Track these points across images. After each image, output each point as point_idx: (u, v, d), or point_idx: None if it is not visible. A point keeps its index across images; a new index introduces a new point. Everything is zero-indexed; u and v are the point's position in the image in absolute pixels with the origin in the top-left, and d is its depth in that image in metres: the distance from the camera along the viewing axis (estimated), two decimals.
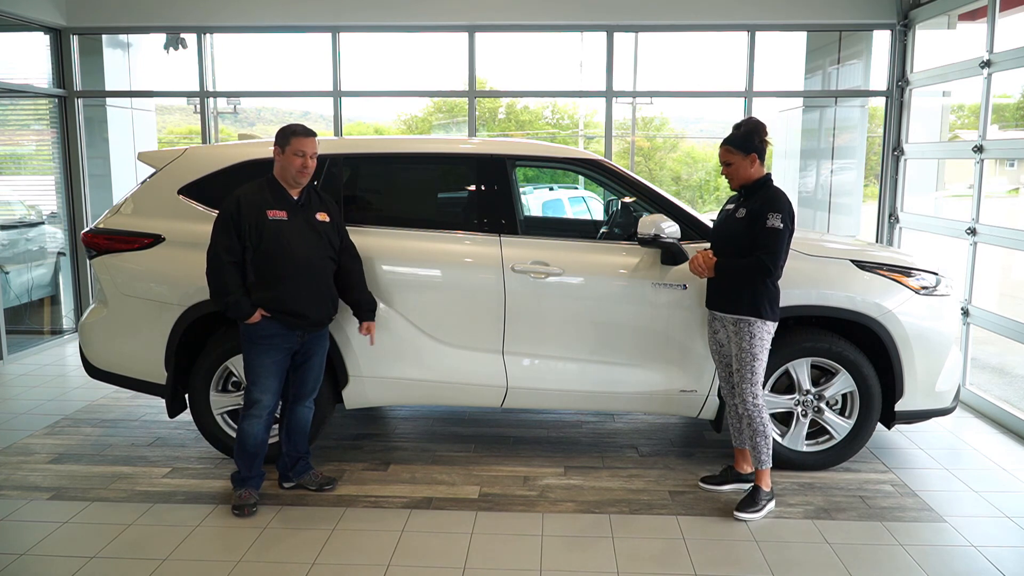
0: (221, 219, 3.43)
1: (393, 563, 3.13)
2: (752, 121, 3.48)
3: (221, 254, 3.40)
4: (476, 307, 3.93)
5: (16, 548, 3.23)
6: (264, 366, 3.50)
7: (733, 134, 3.49)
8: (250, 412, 3.54)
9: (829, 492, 3.79)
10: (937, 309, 3.93)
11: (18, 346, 6.48)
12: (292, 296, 3.46)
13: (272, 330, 3.47)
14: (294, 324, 3.49)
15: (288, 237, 3.43)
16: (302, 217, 3.50)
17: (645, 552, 3.22)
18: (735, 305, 3.44)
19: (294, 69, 7.64)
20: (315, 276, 3.54)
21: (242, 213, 3.39)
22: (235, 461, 3.63)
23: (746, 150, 3.44)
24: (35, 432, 4.61)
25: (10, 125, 7.21)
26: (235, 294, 3.39)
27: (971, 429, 4.74)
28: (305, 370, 3.65)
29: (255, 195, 3.44)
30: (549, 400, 4.06)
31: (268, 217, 3.41)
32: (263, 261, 3.43)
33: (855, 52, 7.17)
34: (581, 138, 11.62)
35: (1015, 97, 6.70)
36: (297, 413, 3.71)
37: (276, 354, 3.51)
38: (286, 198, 3.49)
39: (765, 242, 3.33)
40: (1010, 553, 3.23)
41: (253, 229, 3.40)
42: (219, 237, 3.42)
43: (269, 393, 3.54)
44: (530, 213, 7.71)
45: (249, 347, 3.50)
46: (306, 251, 3.48)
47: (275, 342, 3.49)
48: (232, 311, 3.42)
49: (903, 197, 6.66)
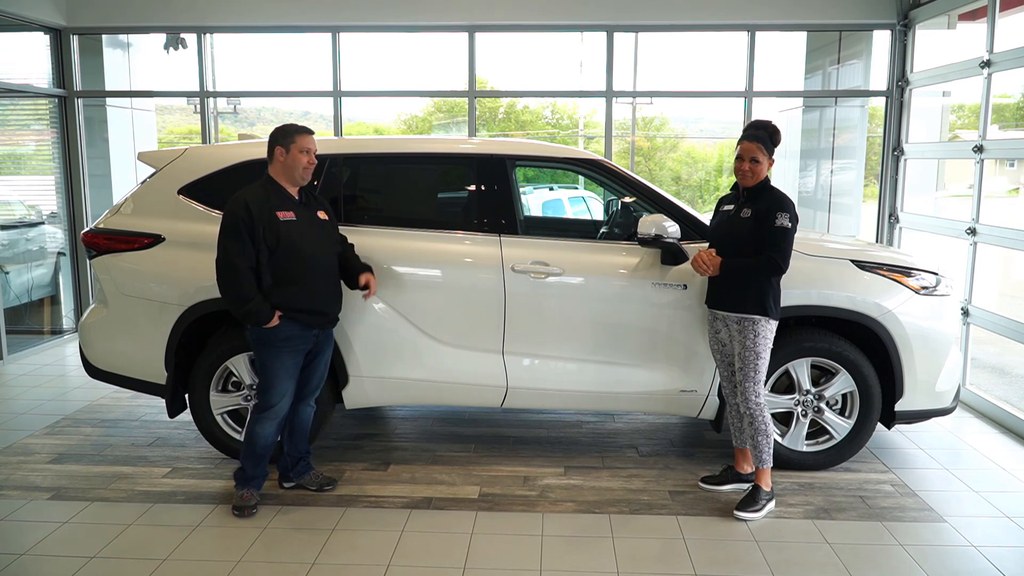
0: (231, 224, 3.33)
1: (393, 563, 3.13)
2: (773, 123, 3.52)
3: (235, 260, 3.30)
4: (476, 307, 3.93)
5: (16, 548, 3.23)
6: (285, 368, 3.47)
7: (761, 134, 3.48)
8: (264, 415, 3.51)
9: (829, 492, 3.79)
10: (937, 309, 3.93)
11: (18, 346, 6.49)
12: (312, 295, 3.47)
13: (291, 331, 3.44)
14: (313, 323, 3.50)
15: (302, 237, 3.42)
16: (308, 216, 3.50)
17: (645, 552, 3.22)
18: (740, 304, 3.44)
19: (294, 69, 7.64)
20: (330, 272, 3.57)
21: (253, 216, 3.31)
22: (241, 460, 3.62)
23: (771, 152, 3.48)
24: (35, 432, 4.61)
25: (10, 125, 7.21)
26: (255, 300, 3.33)
27: (971, 429, 4.74)
28: (312, 369, 3.65)
29: (261, 197, 3.38)
30: (549, 400, 4.06)
31: (279, 218, 3.38)
32: (281, 263, 3.38)
33: (855, 52, 7.17)
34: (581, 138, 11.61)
35: (1015, 97, 6.70)
36: (300, 412, 3.71)
37: (295, 355, 3.50)
38: (290, 198, 3.47)
39: (774, 241, 3.34)
40: (1010, 553, 3.23)
41: (268, 231, 3.34)
42: (231, 243, 3.32)
43: (286, 396, 3.53)
44: (530, 213, 7.70)
45: (267, 351, 3.45)
46: (319, 249, 3.50)
47: (293, 344, 3.47)
48: (252, 318, 3.35)
49: (903, 197, 6.66)
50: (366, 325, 3.92)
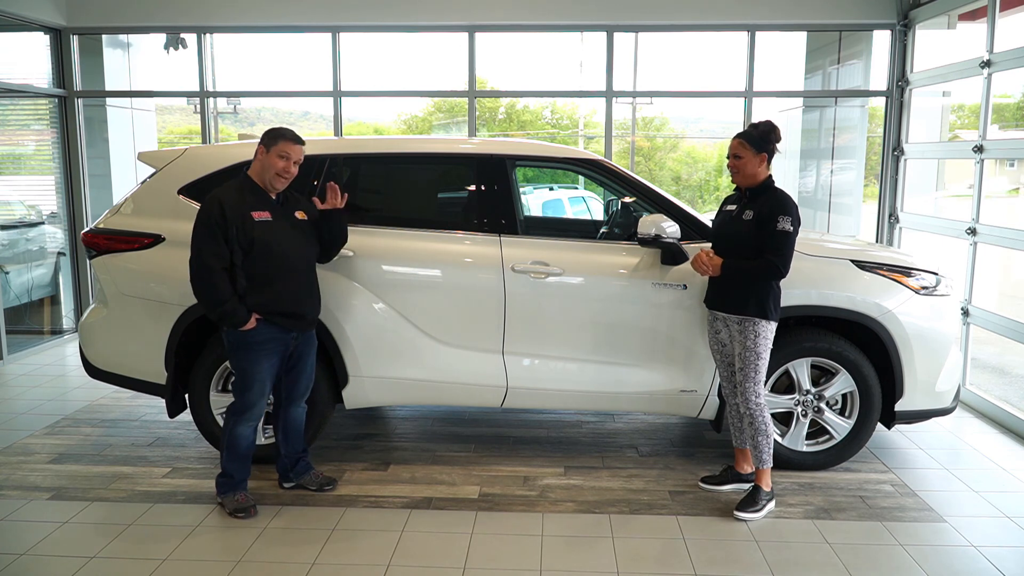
0: (204, 224, 3.27)
1: (393, 563, 3.13)
2: (770, 123, 3.50)
3: (210, 261, 3.25)
4: (476, 307, 3.93)
5: (16, 548, 3.23)
6: (262, 371, 3.43)
7: (750, 130, 3.49)
8: (243, 417, 3.47)
9: (829, 492, 3.78)
10: (937, 309, 3.93)
11: (18, 346, 6.49)
12: (289, 297, 3.42)
13: (268, 334, 3.40)
14: (290, 326, 3.46)
15: (277, 238, 3.37)
16: (284, 217, 3.45)
17: (645, 552, 3.22)
18: (741, 306, 3.44)
19: (294, 69, 7.64)
20: (307, 274, 3.52)
21: (227, 216, 3.25)
22: (224, 465, 3.56)
23: (759, 148, 3.45)
24: (35, 432, 4.61)
25: (10, 125, 7.21)
26: (231, 302, 3.28)
27: (971, 429, 4.74)
28: (298, 372, 3.62)
29: (236, 197, 3.32)
30: (549, 400, 4.06)
31: (254, 219, 3.31)
32: (255, 264, 3.33)
33: (855, 52, 7.17)
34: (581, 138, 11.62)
35: (1015, 97, 6.70)
36: (292, 414, 3.69)
37: (272, 358, 3.46)
38: (266, 198, 3.41)
39: (775, 244, 3.34)
40: (1010, 553, 3.23)
41: (241, 232, 3.27)
42: (204, 244, 3.26)
43: (264, 397, 3.51)
44: (530, 213, 7.70)
45: (243, 353, 3.40)
46: (296, 250, 3.44)
47: (271, 347, 3.43)
48: (228, 320, 3.30)
49: (903, 197, 6.66)
50: (366, 325, 3.92)
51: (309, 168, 4.03)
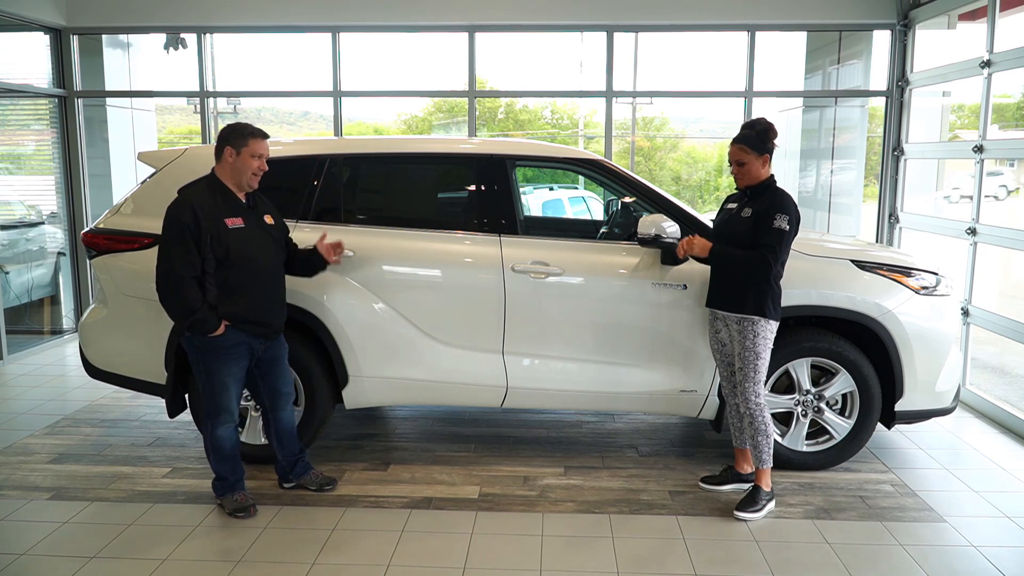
0: (175, 231, 3.16)
1: (393, 563, 3.13)
2: (765, 121, 3.48)
3: (179, 269, 3.15)
4: (476, 307, 3.93)
5: (16, 548, 3.23)
6: (232, 374, 3.37)
7: (747, 133, 3.46)
8: (220, 419, 3.42)
9: (829, 492, 3.79)
10: (937, 309, 3.93)
11: (18, 346, 6.49)
12: (258, 306, 3.37)
13: (237, 338, 3.33)
14: (259, 333, 3.41)
15: (250, 246, 3.30)
16: (255, 222, 3.39)
17: (645, 552, 3.22)
18: (739, 304, 3.44)
19: (294, 69, 7.64)
20: (275, 283, 3.48)
21: (201, 224, 3.15)
22: (214, 469, 3.54)
23: (760, 151, 3.44)
24: (35, 432, 4.61)
25: (10, 125, 7.21)
26: (201, 311, 3.19)
27: (971, 429, 4.74)
28: (275, 375, 3.58)
29: (208, 201, 3.23)
30: (549, 400, 4.06)
31: (228, 227, 3.23)
32: (228, 273, 3.26)
33: (855, 52, 7.18)
34: (581, 138, 11.62)
35: (1015, 97, 6.71)
36: (280, 418, 3.66)
37: (242, 361, 3.40)
38: (237, 202, 3.33)
39: (768, 240, 3.33)
40: (1010, 553, 3.23)
41: (216, 241, 3.18)
42: (175, 250, 3.15)
43: (237, 399, 3.46)
44: (530, 213, 7.70)
45: (212, 358, 3.32)
46: (266, 258, 3.39)
47: (239, 350, 3.36)
48: (198, 328, 3.22)
49: (903, 197, 6.66)
50: (366, 325, 3.92)
51: (309, 168, 4.03)
